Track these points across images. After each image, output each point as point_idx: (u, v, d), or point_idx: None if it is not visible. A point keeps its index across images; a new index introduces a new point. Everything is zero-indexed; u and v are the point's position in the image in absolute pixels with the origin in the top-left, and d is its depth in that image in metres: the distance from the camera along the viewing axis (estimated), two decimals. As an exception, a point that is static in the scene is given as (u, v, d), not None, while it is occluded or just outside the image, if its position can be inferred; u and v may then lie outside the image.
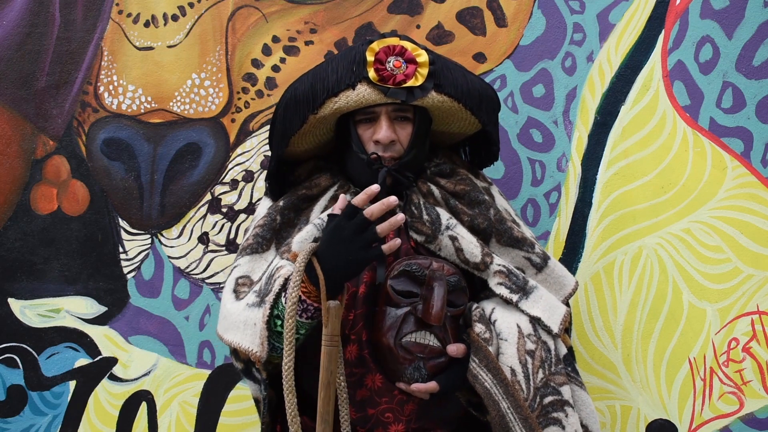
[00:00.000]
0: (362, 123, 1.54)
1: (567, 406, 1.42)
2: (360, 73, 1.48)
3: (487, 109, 1.60)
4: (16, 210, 2.04)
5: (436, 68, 1.52)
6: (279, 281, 1.39)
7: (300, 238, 1.49)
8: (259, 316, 1.39)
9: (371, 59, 1.49)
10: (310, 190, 1.60)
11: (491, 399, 1.38)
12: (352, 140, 1.53)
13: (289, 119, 1.53)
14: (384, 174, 1.49)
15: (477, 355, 1.40)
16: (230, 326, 1.45)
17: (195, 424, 2.00)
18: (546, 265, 1.58)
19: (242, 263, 1.54)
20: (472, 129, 1.66)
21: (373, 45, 1.50)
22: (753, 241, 1.94)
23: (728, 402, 1.93)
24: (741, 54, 1.96)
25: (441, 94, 1.52)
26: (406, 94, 1.48)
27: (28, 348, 2.03)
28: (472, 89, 1.56)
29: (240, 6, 2.05)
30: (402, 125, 1.54)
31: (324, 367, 1.33)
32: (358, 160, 1.53)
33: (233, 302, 1.47)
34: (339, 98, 1.48)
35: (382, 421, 1.46)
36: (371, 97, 1.48)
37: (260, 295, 1.42)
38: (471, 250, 1.51)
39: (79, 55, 2.06)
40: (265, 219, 1.58)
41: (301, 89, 1.52)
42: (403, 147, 1.53)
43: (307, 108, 1.50)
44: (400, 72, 1.48)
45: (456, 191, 1.59)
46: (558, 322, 1.50)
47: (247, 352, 1.40)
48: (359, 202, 1.34)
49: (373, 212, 1.32)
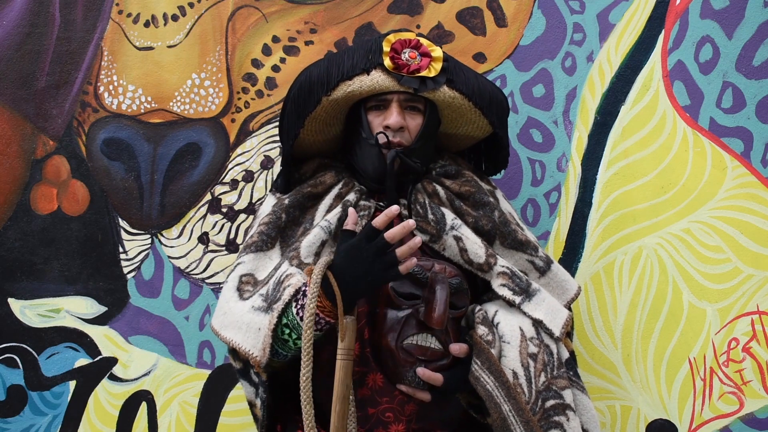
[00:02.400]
0: (373, 110, 1.55)
1: (569, 410, 1.42)
2: (375, 60, 1.51)
3: (497, 112, 1.61)
4: (16, 210, 2.04)
5: (449, 65, 1.55)
6: (289, 291, 1.39)
7: (308, 242, 1.48)
8: (265, 323, 1.39)
9: (387, 49, 1.52)
10: (315, 188, 1.60)
11: (493, 402, 1.38)
12: (362, 127, 1.54)
13: (303, 100, 1.54)
14: (393, 155, 1.50)
15: (479, 358, 1.40)
16: (230, 324, 1.45)
17: (195, 424, 2.00)
18: (549, 269, 1.59)
19: (246, 261, 1.54)
20: (481, 133, 1.67)
21: (390, 36, 1.53)
22: (753, 241, 1.94)
23: (728, 402, 1.93)
24: (741, 54, 1.96)
25: (453, 90, 1.54)
26: (419, 84, 1.51)
27: (28, 348, 2.03)
28: (483, 90, 1.58)
29: (240, 6, 2.05)
30: (412, 115, 1.55)
31: (340, 381, 1.33)
32: (366, 147, 1.54)
33: (237, 301, 1.47)
34: (353, 82, 1.50)
35: (382, 420, 1.46)
36: (385, 83, 1.50)
37: (267, 300, 1.42)
38: (475, 250, 1.52)
39: (79, 55, 2.06)
40: (270, 217, 1.58)
41: (316, 72, 1.54)
42: (411, 137, 1.55)
43: (321, 89, 1.52)
44: (414, 62, 1.52)
45: (461, 192, 1.60)
46: (560, 326, 1.51)
47: (246, 354, 1.40)
48: (379, 223, 1.34)
49: (394, 236, 1.32)
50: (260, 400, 1.47)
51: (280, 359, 1.44)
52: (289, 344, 1.41)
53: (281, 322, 1.39)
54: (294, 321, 1.37)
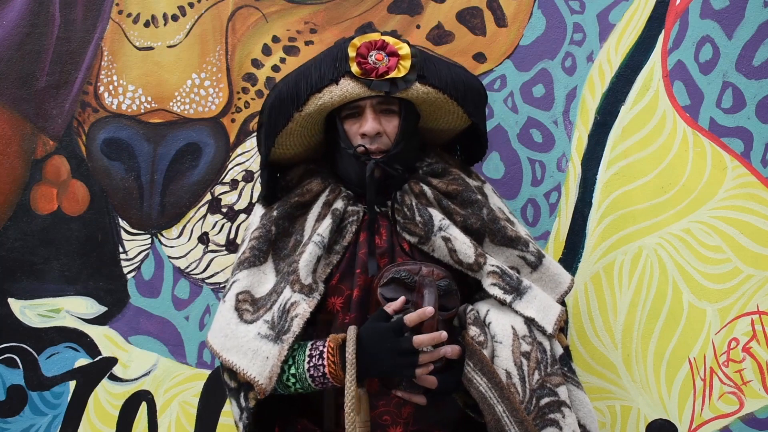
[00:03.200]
0: (348, 118, 1.54)
1: (564, 407, 1.41)
2: (342, 68, 1.48)
3: (473, 100, 1.59)
4: (16, 210, 2.04)
5: (418, 60, 1.52)
6: (298, 322, 1.41)
7: (305, 262, 1.47)
8: (274, 353, 1.39)
9: (353, 54, 1.49)
10: (303, 197, 1.59)
11: (486, 403, 1.38)
12: (340, 137, 1.53)
13: (275, 118, 1.53)
14: (372, 166, 1.49)
15: (472, 359, 1.40)
16: (234, 348, 1.44)
17: (195, 424, 2.00)
18: (541, 264, 1.57)
19: (241, 278, 1.52)
20: (461, 124, 1.66)
21: (355, 41, 1.50)
22: (753, 241, 1.94)
23: (728, 402, 1.93)
24: (741, 54, 1.96)
25: (425, 86, 1.52)
26: (390, 86, 1.48)
27: (28, 348, 2.03)
28: (456, 80, 1.55)
29: (240, 6, 2.05)
30: (388, 118, 1.53)
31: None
32: (346, 156, 1.53)
33: (238, 323, 1.46)
34: (323, 94, 1.48)
35: (379, 423, 1.45)
36: (355, 90, 1.48)
37: (274, 328, 1.42)
38: (464, 250, 1.51)
39: (79, 55, 2.06)
40: (260, 231, 1.57)
41: (286, 88, 1.52)
42: (390, 140, 1.53)
43: (291, 105, 1.50)
44: (382, 65, 1.48)
45: (448, 191, 1.58)
46: (552, 322, 1.49)
47: (251, 380, 1.40)
48: (410, 322, 1.36)
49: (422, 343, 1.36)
50: (242, 424, 1.46)
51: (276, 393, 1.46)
52: (290, 389, 1.43)
53: (288, 370, 1.41)
54: (303, 375, 1.40)
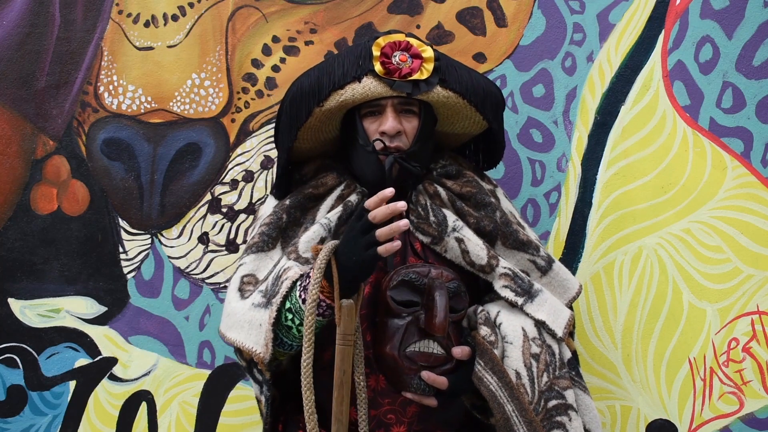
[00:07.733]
0: (368, 116, 1.54)
1: (571, 410, 1.42)
2: (366, 67, 1.49)
3: (492, 107, 1.60)
4: (16, 210, 2.04)
5: (441, 64, 1.53)
6: (287, 284, 1.39)
7: (307, 237, 1.49)
8: (265, 318, 1.39)
9: (377, 53, 1.50)
10: (317, 189, 1.60)
11: (496, 402, 1.38)
12: (358, 134, 1.54)
13: (295, 112, 1.53)
14: (391, 161, 1.49)
15: (482, 358, 1.40)
16: (233, 325, 1.45)
17: (195, 424, 2.00)
18: (551, 269, 1.59)
19: (247, 261, 1.54)
20: (477, 129, 1.67)
21: (379, 40, 1.52)
22: (753, 241, 1.94)
23: (728, 402, 1.93)
24: (741, 54, 1.96)
25: (446, 90, 1.53)
26: (412, 87, 1.49)
27: (28, 348, 2.03)
28: (476, 86, 1.57)
29: (240, 6, 2.05)
30: (408, 118, 1.54)
31: (337, 367, 1.33)
32: (364, 154, 1.53)
33: (238, 301, 1.47)
34: (345, 91, 1.49)
35: (384, 422, 1.46)
36: (377, 89, 1.48)
37: (266, 295, 1.42)
38: (477, 252, 1.52)
39: (79, 55, 2.06)
40: (271, 217, 1.58)
41: (308, 82, 1.53)
42: (408, 140, 1.54)
43: (313, 100, 1.51)
44: (405, 66, 1.50)
45: (462, 193, 1.60)
46: (562, 326, 1.51)
47: (250, 352, 1.40)
48: (371, 204, 1.31)
49: (376, 215, 1.29)
50: (264, 397, 1.47)
51: (285, 350, 1.44)
52: (293, 332, 1.41)
53: (285, 308, 1.39)
54: (297, 305, 1.38)
